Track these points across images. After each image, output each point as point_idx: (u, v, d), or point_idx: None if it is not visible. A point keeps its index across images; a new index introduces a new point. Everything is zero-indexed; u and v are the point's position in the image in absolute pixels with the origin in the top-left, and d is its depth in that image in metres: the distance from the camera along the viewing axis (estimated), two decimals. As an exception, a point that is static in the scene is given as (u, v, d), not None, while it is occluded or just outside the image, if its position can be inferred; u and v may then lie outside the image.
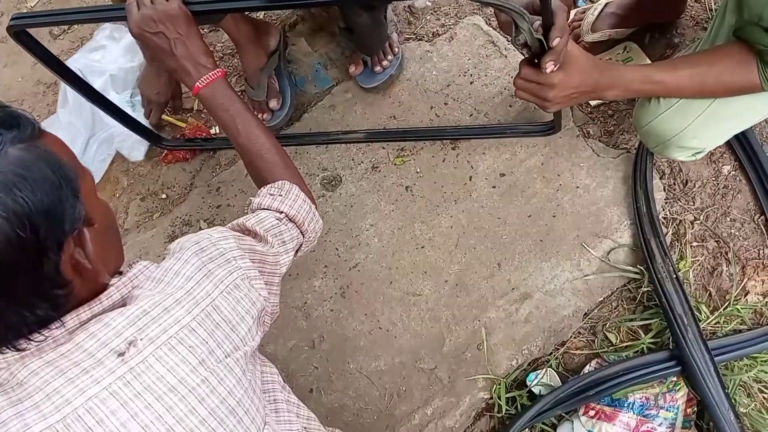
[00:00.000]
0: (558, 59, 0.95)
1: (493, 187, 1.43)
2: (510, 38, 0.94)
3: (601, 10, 1.48)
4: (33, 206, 0.57)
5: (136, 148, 1.61)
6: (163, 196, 1.61)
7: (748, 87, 1.01)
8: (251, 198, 0.96)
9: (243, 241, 0.80)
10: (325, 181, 1.53)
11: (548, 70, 0.95)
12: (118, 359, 0.62)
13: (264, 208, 0.93)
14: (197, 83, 0.97)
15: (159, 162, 1.65)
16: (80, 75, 1.34)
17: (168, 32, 0.96)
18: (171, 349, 0.64)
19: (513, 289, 1.34)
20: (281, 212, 0.93)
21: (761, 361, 1.21)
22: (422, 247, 1.41)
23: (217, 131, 1.68)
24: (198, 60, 0.97)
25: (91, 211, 0.66)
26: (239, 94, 1.00)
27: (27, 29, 1.16)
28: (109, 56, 1.69)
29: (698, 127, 1.12)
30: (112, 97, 1.57)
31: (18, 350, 0.62)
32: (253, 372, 0.73)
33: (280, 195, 0.94)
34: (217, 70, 0.98)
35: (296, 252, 0.96)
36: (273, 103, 1.58)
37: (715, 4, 1.52)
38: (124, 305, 0.68)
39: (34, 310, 0.61)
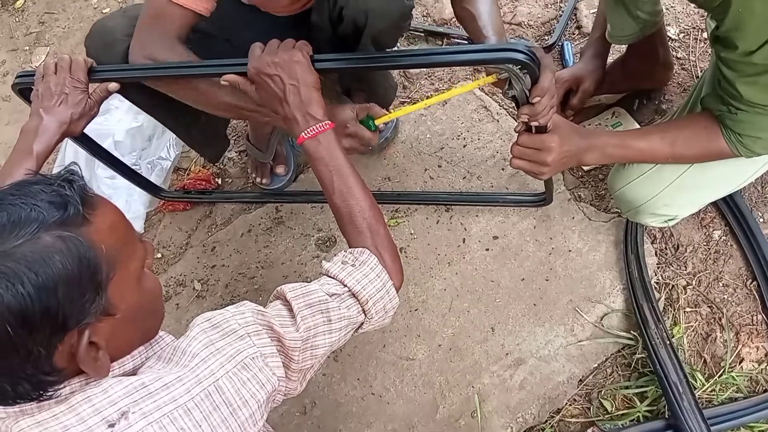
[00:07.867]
0: (533, 115, 0.98)
1: (487, 249, 1.44)
2: (502, 90, 0.99)
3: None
4: (33, 304, 0.56)
5: (133, 221, 1.62)
6: (158, 255, 1.61)
7: (716, 151, 1.05)
8: (323, 261, 0.90)
9: (263, 317, 0.77)
10: (320, 241, 1.54)
11: (520, 120, 1.01)
12: (108, 430, 0.61)
13: (330, 276, 0.87)
14: (302, 134, 0.93)
15: (159, 211, 1.67)
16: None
17: (284, 77, 0.93)
18: (161, 429, 0.63)
19: (507, 354, 1.33)
20: (345, 285, 0.85)
21: (758, 430, 1.19)
22: (416, 310, 1.41)
23: (220, 183, 1.71)
24: (308, 110, 0.93)
25: (119, 301, 0.65)
26: (342, 152, 0.94)
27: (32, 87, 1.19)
28: (113, 118, 1.73)
29: (669, 195, 1.15)
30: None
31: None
32: None
33: (353, 265, 0.87)
34: (326, 122, 0.94)
35: (355, 330, 0.88)
36: (280, 170, 1.61)
37: (701, 71, 1.56)
38: (134, 375, 0.67)
39: (15, 386, 0.60)
